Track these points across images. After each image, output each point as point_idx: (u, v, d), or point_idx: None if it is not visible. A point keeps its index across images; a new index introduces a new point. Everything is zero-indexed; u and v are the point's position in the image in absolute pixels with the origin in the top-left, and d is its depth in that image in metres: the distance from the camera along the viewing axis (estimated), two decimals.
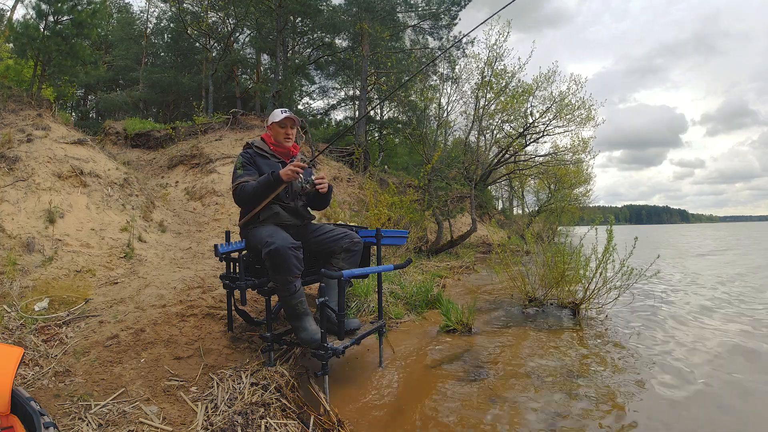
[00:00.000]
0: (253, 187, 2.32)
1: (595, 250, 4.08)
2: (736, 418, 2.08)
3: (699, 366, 2.77)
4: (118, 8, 20.37)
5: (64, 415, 1.88)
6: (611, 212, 74.60)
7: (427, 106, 10.66)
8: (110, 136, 10.17)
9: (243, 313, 2.72)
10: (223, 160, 7.65)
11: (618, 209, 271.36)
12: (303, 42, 17.17)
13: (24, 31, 6.74)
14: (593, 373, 2.66)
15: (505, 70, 11.63)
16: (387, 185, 8.85)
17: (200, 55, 17.00)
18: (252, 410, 1.96)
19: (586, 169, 15.86)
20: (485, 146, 15.08)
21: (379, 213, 7.15)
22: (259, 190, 2.30)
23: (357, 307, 3.73)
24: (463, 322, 3.63)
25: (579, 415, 2.11)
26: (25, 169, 4.26)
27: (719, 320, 4.00)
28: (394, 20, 15.57)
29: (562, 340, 3.38)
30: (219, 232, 5.48)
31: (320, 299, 2.16)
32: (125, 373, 2.25)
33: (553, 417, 2.10)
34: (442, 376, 2.66)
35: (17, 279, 3.14)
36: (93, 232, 4.11)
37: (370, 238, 2.78)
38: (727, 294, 5.36)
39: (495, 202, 23.48)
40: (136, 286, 3.42)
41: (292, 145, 2.64)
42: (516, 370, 2.73)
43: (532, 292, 4.55)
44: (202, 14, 15.20)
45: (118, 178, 5.15)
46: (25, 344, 2.45)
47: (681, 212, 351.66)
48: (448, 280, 6.36)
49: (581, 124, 12.90)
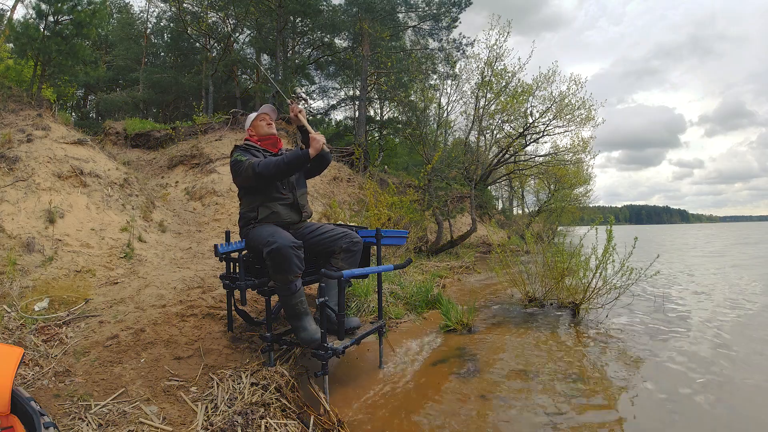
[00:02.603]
0: (280, 160, 2.32)
1: (595, 250, 4.08)
2: (736, 419, 2.08)
3: (699, 366, 2.77)
4: (118, 8, 20.35)
5: (64, 415, 1.88)
6: (611, 212, 74.63)
7: (427, 106, 10.66)
8: (110, 136, 10.16)
9: (243, 313, 2.72)
10: (223, 160, 7.65)
11: (618, 209, 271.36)
12: (303, 42, 17.17)
13: (24, 31, 6.74)
14: (592, 373, 2.66)
15: (506, 70, 11.63)
16: (387, 185, 8.85)
17: (200, 55, 16.98)
18: (252, 410, 1.96)
19: (586, 169, 15.87)
20: (485, 146, 15.08)
21: (379, 213, 7.15)
22: (289, 163, 2.32)
23: (357, 307, 3.73)
24: (463, 322, 3.63)
25: (578, 415, 2.11)
26: (25, 169, 4.26)
27: (720, 320, 4.00)
28: (394, 20, 15.57)
29: (562, 340, 3.38)
30: (219, 232, 5.48)
31: (320, 299, 2.16)
32: (125, 373, 2.25)
33: (553, 417, 2.10)
34: (442, 376, 2.66)
35: (17, 279, 3.14)
36: (93, 232, 4.11)
37: (370, 238, 2.78)
38: (729, 295, 5.36)
39: (495, 202, 23.48)
40: (136, 286, 3.42)
41: (276, 135, 2.66)
42: (516, 370, 2.73)
43: (532, 292, 4.55)
44: (202, 14, 15.19)
45: (118, 178, 5.15)
46: (25, 344, 2.45)
47: (681, 212, 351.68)
48: (448, 280, 6.36)
49: (581, 124, 12.90)
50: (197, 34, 15.97)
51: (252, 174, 2.32)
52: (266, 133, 2.60)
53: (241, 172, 2.36)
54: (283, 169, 2.32)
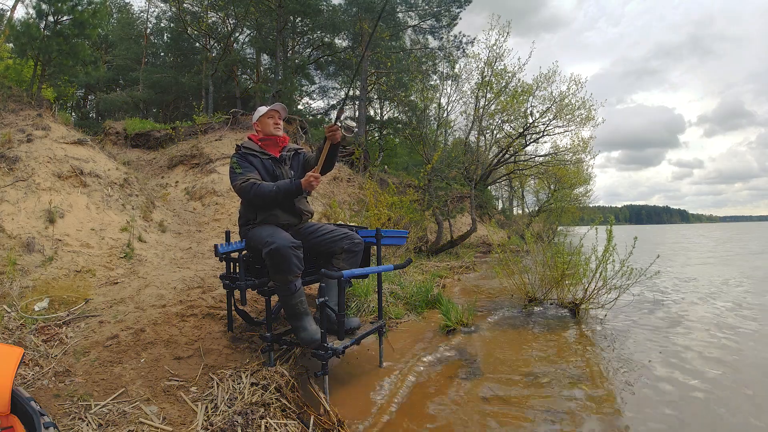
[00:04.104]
0: (273, 191, 2.32)
1: (595, 250, 4.08)
2: (736, 419, 2.08)
3: (699, 367, 2.77)
4: (118, 8, 20.36)
5: (64, 415, 1.88)
6: (611, 212, 74.60)
7: (427, 106, 10.66)
8: (110, 136, 10.16)
9: (243, 313, 2.72)
10: (223, 160, 7.65)
11: (618, 209, 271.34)
12: (303, 42, 17.18)
13: (24, 30, 6.74)
14: (591, 373, 2.66)
15: (506, 70, 11.64)
16: (387, 185, 8.85)
17: (200, 55, 16.99)
18: (252, 410, 1.96)
19: (586, 169, 15.88)
20: (485, 146, 15.08)
21: (379, 213, 7.15)
22: (280, 197, 2.34)
23: (357, 307, 3.73)
24: (463, 322, 3.63)
25: (577, 415, 2.11)
26: (25, 169, 4.26)
27: (720, 320, 3.99)
28: (394, 20, 15.57)
29: (562, 340, 3.38)
30: (219, 232, 5.48)
31: (320, 299, 2.15)
32: (125, 373, 2.25)
33: (552, 416, 2.10)
34: (442, 376, 2.66)
35: (17, 279, 3.14)
36: (93, 232, 4.11)
37: (370, 238, 2.78)
38: (731, 296, 5.36)
39: (495, 202, 23.49)
40: (136, 286, 3.42)
41: (282, 136, 2.63)
42: (516, 370, 2.73)
43: (532, 292, 4.55)
44: (202, 14, 15.21)
45: (118, 178, 5.15)
46: (25, 344, 2.45)
47: (681, 212, 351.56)
48: (448, 280, 6.36)
49: (581, 124, 12.91)
50: (197, 34, 15.97)
51: (245, 196, 2.39)
52: (270, 133, 2.58)
53: (236, 186, 2.41)
54: (275, 198, 2.35)
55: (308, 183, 2.31)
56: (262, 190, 2.33)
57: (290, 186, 2.33)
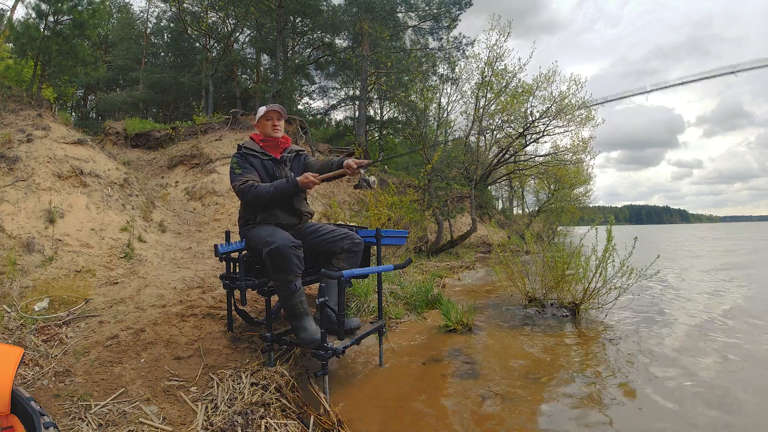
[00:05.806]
0: (270, 192, 2.33)
1: (595, 250, 4.08)
2: (736, 419, 2.08)
3: (698, 368, 2.77)
4: (118, 8, 20.37)
5: (64, 415, 1.88)
6: (611, 212, 74.59)
7: (427, 107, 10.66)
8: (110, 136, 10.16)
9: (243, 313, 2.72)
10: (223, 160, 7.65)
11: (618, 209, 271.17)
12: (303, 42, 17.18)
13: (24, 31, 6.75)
14: (593, 373, 2.66)
15: (506, 70, 11.64)
16: (387, 185, 8.85)
17: (200, 55, 16.99)
18: (252, 410, 1.96)
19: (586, 169, 15.87)
20: (485, 146, 15.09)
21: (379, 213, 7.15)
22: (277, 196, 2.35)
23: (357, 307, 3.73)
24: (463, 322, 3.63)
25: (578, 416, 2.11)
26: (25, 169, 4.26)
27: (720, 320, 4.00)
28: (394, 20, 15.58)
29: (561, 341, 3.38)
30: (219, 232, 5.48)
31: (320, 299, 2.15)
32: (125, 373, 2.25)
33: (553, 417, 2.10)
34: (441, 376, 2.66)
35: (17, 279, 3.14)
36: (93, 232, 4.11)
37: (370, 238, 2.78)
38: (732, 295, 5.36)
39: (495, 202, 23.49)
40: (136, 286, 3.42)
41: (282, 137, 2.61)
42: (516, 370, 2.73)
43: (532, 292, 4.55)
44: (202, 14, 15.20)
45: (118, 178, 5.15)
46: (25, 344, 2.45)
47: (681, 212, 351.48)
48: (448, 280, 6.36)
49: (581, 124, 12.91)
50: (197, 34, 15.97)
51: (243, 198, 2.41)
52: (269, 135, 2.58)
53: (235, 187, 2.42)
54: (273, 198, 2.36)
55: (305, 180, 2.33)
56: (259, 191, 2.34)
57: (287, 185, 2.34)
